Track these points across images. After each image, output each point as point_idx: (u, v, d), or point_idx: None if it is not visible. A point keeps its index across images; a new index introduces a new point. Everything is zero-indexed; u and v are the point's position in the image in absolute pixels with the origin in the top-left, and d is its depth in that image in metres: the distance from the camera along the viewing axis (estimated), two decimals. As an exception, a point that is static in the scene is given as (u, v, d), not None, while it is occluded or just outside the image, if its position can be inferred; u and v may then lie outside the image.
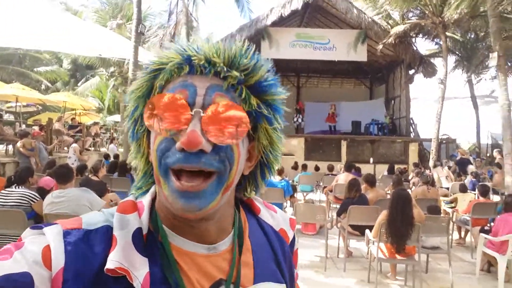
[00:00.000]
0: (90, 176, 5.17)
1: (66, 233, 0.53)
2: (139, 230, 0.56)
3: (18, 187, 3.79)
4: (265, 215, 0.72)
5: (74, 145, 9.98)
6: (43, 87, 22.02)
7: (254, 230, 0.68)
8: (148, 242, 0.56)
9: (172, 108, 0.54)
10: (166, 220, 0.59)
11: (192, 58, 0.56)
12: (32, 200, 3.71)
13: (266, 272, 0.64)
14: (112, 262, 0.51)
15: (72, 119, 15.31)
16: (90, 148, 13.22)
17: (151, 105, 0.55)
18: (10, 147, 9.95)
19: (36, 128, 11.06)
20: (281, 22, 14.66)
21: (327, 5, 14.48)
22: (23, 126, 12.13)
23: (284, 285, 0.66)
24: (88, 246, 0.53)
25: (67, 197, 3.42)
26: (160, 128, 0.54)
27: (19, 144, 7.78)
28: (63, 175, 3.62)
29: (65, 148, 11.80)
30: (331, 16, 15.53)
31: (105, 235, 0.55)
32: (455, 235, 6.34)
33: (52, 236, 0.52)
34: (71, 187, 3.65)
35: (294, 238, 0.77)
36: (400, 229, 3.97)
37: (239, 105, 0.57)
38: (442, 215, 5.45)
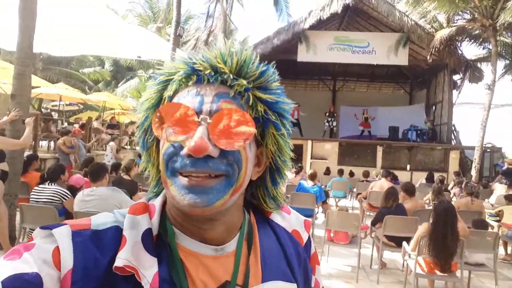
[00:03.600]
0: (122, 175, 5.23)
1: (75, 234, 0.54)
2: (148, 230, 0.57)
3: (51, 184, 3.87)
4: (276, 217, 0.72)
5: (111, 143, 10.25)
6: (87, 87, 22.96)
7: (264, 231, 0.68)
8: (157, 243, 0.57)
9: (179, 116, 0.55)
10: (174, 222, 0.60)
11: (197, 68, 0.58)
12: (63, 198, 3.78)
13: (275, 271, 0.64)
14: (121, 260, 0.53)
15: (111, 118, 15.81)
16: (126, 147, 13.58)
17: (159, 114, 0.56)
18: (52, 143, 10.41)
19: (77, 126, 11.49)
20: (320, 25, 14.41)
21: (368, 8, 14.06)
22: (66, 124, 12.66)
23: (295, 284, 0.65)
24: (96, 247, 0.54)
25: (96, 196, 3.43)
26: (168, 136, 0.55)
27: (60, 141, 8.07)
28: (94, 173, 3.63)
29: (103, 146, 12.19)
30: (371, 19, 15.08)
31: (114, 235, 0.56)
32: (501, 251, 5.88)
33: (61, 237, 0.53)
34: (103, 185, 3.65)
35: (309, 240, 0.75)
36: (447, 247, 3.67)
37: (245, 111, 0.57)
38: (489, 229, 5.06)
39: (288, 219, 0.73)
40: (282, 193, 0.71)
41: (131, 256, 0.53)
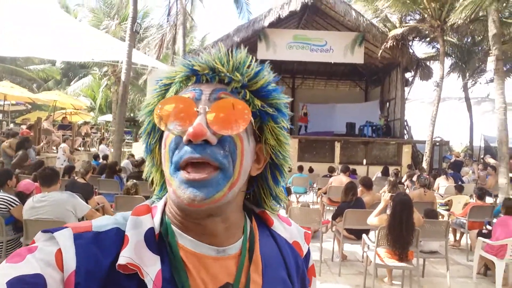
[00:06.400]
0: (77, 178, 4.96)
1: (76, 236, 0.54)
2: (151, 229, 0.58)
3: (-4, 191, 3.56)
4: (278, 227, 0.73)
5: (63, 145, 9.75)
6: (35, 85, 21.68)
7: (265, 240, 0.69)
8: (159, 242, 0.58)
9: (180, 107, 0.58)
10: (175, 221, 0.61)
11: (196, 69, 0.61)
12: (10, 205, 3.49)
13: (274, 279, 0.65)
14: (124, 258, 0.53)
15: (63, 119, 15.03)
16: (79, 148, 12.96)
17: (161, 106, 0.59)
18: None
19: (24, 127, 10.80)
20: (279, 23, 14.52)
21: (325, 7, 14.35)
22: (11, 125, 11.87)
23: None
24: (98, 248, 0.55)
25: (49, 201, 3.21)
26: (170, 126, 0.57)
27: (5, 144, 7.53)
28: (47, 178, 3.38)
29: (54, 148, 11.56)
30: (329, 18, 15.41)
31: (116, 236, 0.57)
32: (450, 238, 6.24)
33: (63, 240, 0.53)
34: (55, 190, 3.42)
35: (308, 252, 0.77)
36: (403, 236, 3.85)
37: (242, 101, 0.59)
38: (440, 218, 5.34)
39: (289, 230, 0.74)
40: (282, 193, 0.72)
41: (133, 254, 0.54)
